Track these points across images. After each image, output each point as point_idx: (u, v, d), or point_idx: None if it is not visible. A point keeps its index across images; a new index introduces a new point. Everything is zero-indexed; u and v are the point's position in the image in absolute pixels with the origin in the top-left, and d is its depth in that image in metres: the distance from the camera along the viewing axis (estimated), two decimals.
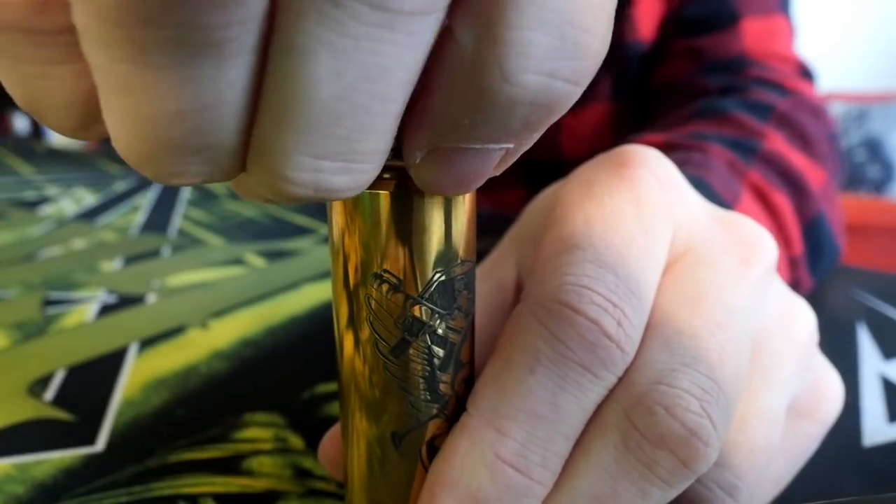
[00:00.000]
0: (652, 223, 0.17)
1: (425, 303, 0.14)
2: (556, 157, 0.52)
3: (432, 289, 0.14)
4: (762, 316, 0.18)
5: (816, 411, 0.19)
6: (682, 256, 0.18)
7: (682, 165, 0.25)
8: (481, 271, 0.20)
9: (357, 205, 0.13)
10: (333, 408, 0.25)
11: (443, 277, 0.14)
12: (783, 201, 0.31)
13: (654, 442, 0.15)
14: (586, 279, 0.15)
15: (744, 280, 0.17)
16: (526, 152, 0.12)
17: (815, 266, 0.33)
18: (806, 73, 0.46)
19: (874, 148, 1.59)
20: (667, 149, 0.33)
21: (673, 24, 0.48)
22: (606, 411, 0.15)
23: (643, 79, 0.50)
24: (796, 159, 0.34)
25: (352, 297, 0.14)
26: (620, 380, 0.15)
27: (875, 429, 0.24)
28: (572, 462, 0.15)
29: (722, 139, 0.33)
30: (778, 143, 0.34)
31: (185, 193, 0.52)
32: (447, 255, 0.14)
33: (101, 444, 0.23)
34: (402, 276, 0.14)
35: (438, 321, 0.14)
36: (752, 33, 0.45)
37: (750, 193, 0.31)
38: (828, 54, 1.77)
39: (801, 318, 0.19)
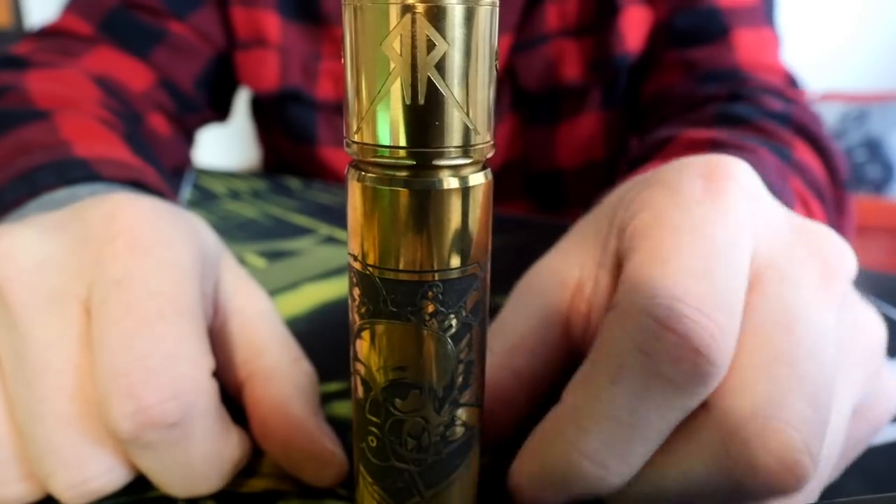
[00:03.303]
0: (737, 236, 0.17)
1: (383, 290, 0.15)
2: (553, 168, 0.53)
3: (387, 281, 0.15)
4: (842, 329, 0.18)
5: (870, 415, 0.19)
6: (765, 272, 0.18)
7: None
8: (544, 264, 0.21)
9: (354, 189, 0.15)
10: (334, 408, 0.25)
11: (390, 276, 0.15)
12: (819, 211, 0.31)
13: (747, 472, 0.15)
14: (677, 291, 0.16)
15: (829, 298, 0.18)
16: (525, 166, 0.13)
17: None
18: (794, 83, 0.46)
19: (874, 148, 1.58)
20: (715, 147, 0.31)
21: (663, 35, 0.47)
22: (702, 430, 0.16)
23: (632, 88, 0.50)
24: (819, 171, 0.33)
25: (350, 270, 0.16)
26: (718, 402, 0.16)
27: None
28: (661, 461, 0.16)
29: (763, 143, 0.32)
30: (804, 153, 0.34)
31: (185, 193, 0.52)
32: (409, 258, 0.14)
33: None
34: (360, 258, 0.15)
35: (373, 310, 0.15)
36: (744, 45, 0.45)
37: (797, 199, 0.30)
38: (828, 54, 1.78)
39: (873, 328, 0.19)
